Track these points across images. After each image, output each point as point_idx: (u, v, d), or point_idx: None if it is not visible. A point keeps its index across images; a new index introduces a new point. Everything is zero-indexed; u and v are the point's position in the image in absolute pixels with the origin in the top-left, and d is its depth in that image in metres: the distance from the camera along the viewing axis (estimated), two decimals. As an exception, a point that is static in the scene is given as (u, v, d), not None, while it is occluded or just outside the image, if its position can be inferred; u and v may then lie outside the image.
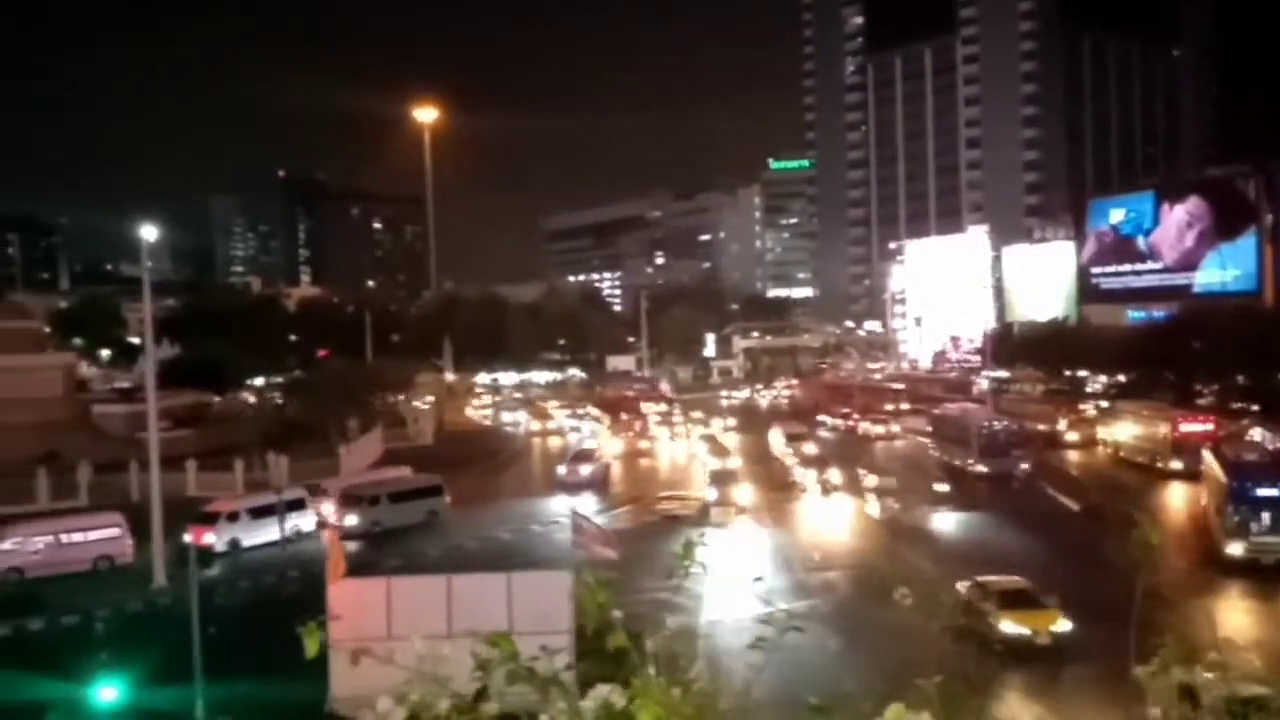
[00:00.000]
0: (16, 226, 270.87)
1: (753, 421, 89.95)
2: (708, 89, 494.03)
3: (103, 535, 43.17)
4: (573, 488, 58.42)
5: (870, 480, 54.45)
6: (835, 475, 57.17)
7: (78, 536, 42.88)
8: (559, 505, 52.16)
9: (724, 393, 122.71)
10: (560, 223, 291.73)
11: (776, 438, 72.34)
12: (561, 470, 62.56)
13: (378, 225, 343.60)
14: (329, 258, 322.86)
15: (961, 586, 33.12)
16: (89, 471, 57.11)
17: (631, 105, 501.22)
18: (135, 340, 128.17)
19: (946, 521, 50.46)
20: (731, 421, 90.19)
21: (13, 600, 36.79)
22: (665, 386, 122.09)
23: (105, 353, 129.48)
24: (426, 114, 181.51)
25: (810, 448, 65.50)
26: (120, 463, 56.67)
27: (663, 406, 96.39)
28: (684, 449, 77.22)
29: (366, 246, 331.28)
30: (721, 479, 54.72)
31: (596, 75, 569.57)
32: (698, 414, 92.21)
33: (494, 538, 47.80)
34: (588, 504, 52.22)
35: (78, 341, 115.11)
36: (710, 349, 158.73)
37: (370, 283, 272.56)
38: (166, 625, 30.40)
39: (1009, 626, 30.24)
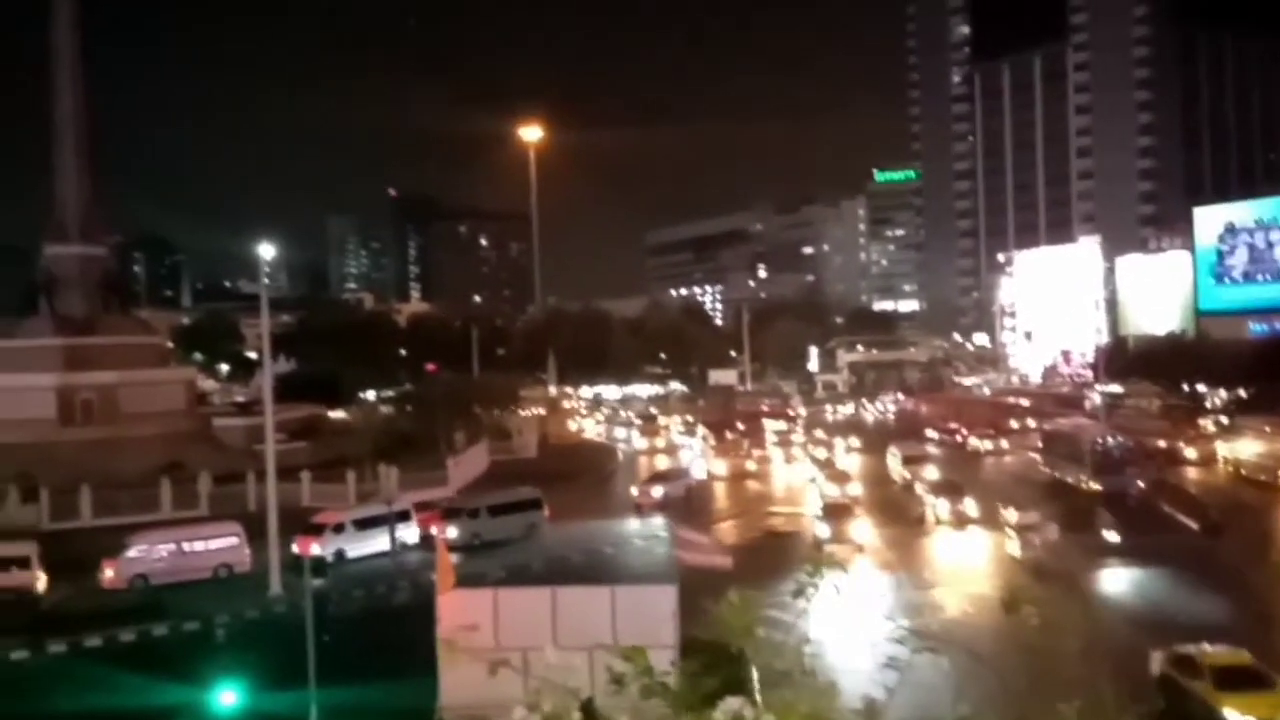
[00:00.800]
0: (142, 246, 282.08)
1: (864, 438, 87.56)
2: (810, 101, 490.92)
3: (222, 544, 44.58)
4: (646, 510, 56.07)
5: (1010, 513, 47.72)
6: (970, 506, 51.75)
7: (199, 545, 44.40)
8: (661, 520, 52.25)
9: (828, 407, 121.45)
10: (662, 237, 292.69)
11: (893, 458, 68.00)
12: (634, 491, 60.31)
13: (484, 242, 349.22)
14: (438, 274, 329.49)
15: (1157, 658, 27.10)
16: (209, 482, 59.03)
17: (733, 119, 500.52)
18: (253, 355, 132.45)
19: (1102, 564, 43.75)
20: (855, 441, 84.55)
21: (138, 606, 38.26)
22: (798, 403, 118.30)
23: (224, 367, 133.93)
24: (532, 132, 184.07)
25: (932, 471, 61.73)
26: (238, 474, 58.59)
27: (783, 425, 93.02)
28: (798, 470, 72.45)
29: (474, 263, 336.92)
30: (836, 512, 48.74)
31: (699, 89, 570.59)
32: (820, 433, 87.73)
33: (596, 551, 48.05)
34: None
35: (198, 356, 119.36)
36: (814, 363, 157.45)
37: (477, 298, 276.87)
38: (282, 632, 31.35)
39: (1234, 716, 24.37)
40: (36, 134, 76.23)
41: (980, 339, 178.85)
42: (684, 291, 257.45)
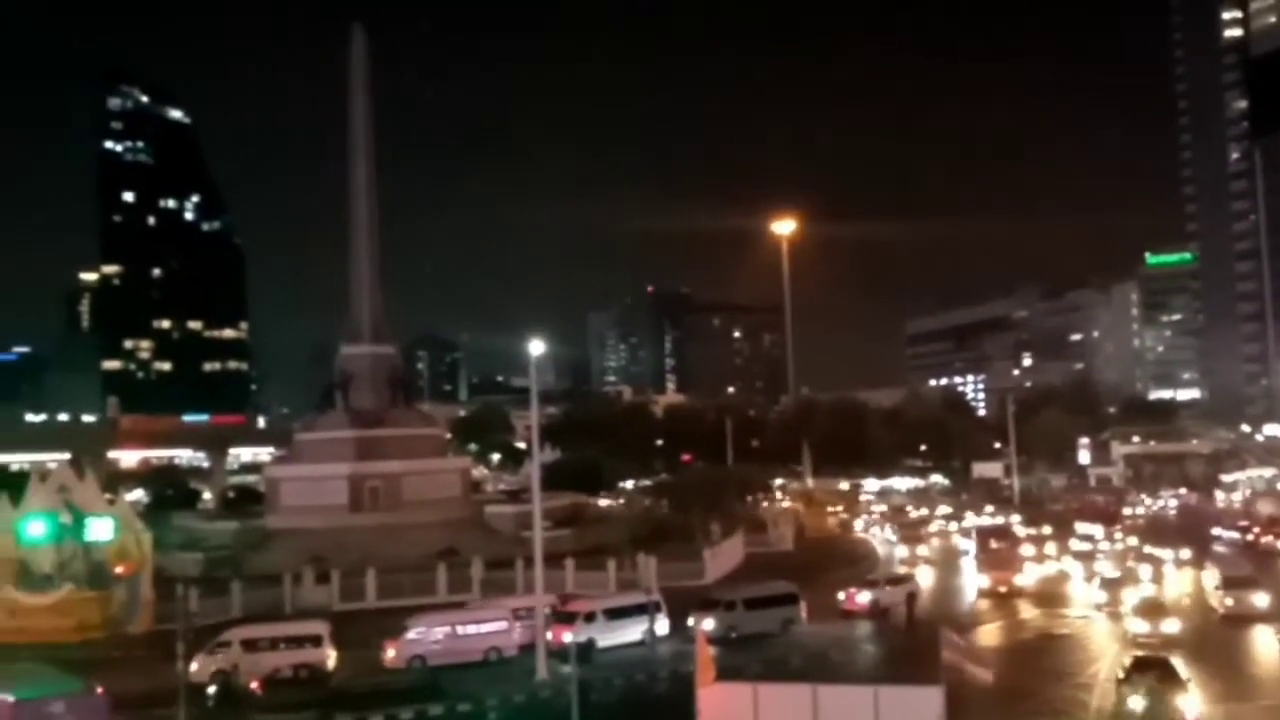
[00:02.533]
0: (424, 344, 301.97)
1: (1160, 538, 75.42)
2: (1074, 186, 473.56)
3: (493, 628, 46.61)
4: (851, 616, 53.44)
5: None
6: None
7: (471, 628, 46.53)
8: (938, 617, 50.70)
9: (1076, 506, 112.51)
10: (921, 326, 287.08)
11: (1210, 579, 54.25)
12: (840, 595, 55.31)
13: (738, 334, 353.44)
14: (692, 366, 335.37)
15: None
16: (481, 567, 61.96)
17: (991, 205, 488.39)
18: (521, 445, 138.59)
19: None
20: (1184, 553, 68.07)
21: (416, 686, 40.50)
22: (1133, 499, 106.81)
23: (495, 456, 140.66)
24: (784, 226, 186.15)
25: (1261, 598, 49.07)
26: (508, 559, 61.31)
27: (1097, 528, 79.74)
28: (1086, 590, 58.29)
29: (727, 355, 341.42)
30: (1147, 668, 33.77)
31: (955, 177, 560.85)
32: (1152, 549, 70.67)
33: (857, 648, 47.25)
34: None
35: (473, 446, 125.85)
36: (1085, 456, 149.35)
37: (730, 389, 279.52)
38: (548, 717, 32.52)
39: None
40: (337, 247, 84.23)
41: (1271, 429, 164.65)
42: (944, 381, 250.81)
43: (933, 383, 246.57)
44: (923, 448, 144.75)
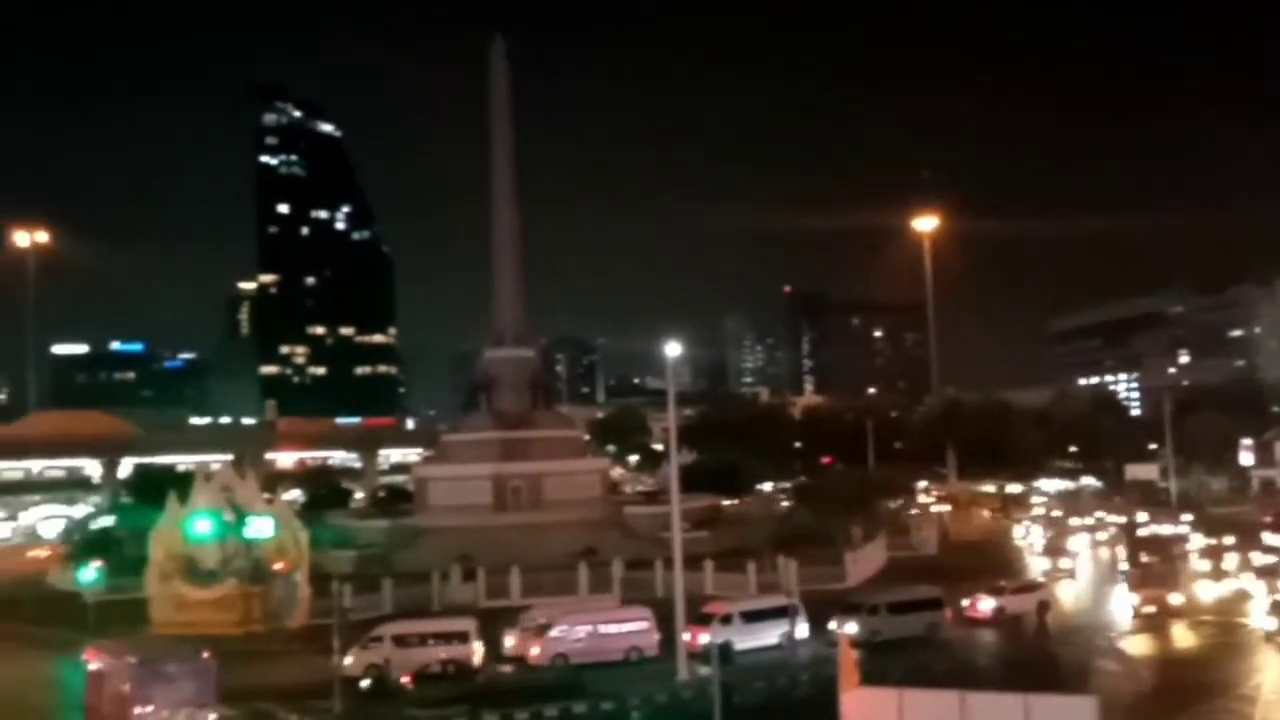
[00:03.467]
0: (563, 347, 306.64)
1: None
2: (1231, 177, 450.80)
3: (634, 628, 47.09)
4: (975, 624, 51.94)
5: None
6: None
7: (613, 628, 47.12)
8: (1077, 626, 49.15)
9: (1268, 517, 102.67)
10: (1069, 323, 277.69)
11: None
12: (964, 603, 53.82)
13: (878, 334, 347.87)
14: (831, 367, 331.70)
15: None
16: (621, 567, 62.55)
17: (1142, 199, 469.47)
18: (658, 447, 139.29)
19: None
20: None
21: (559, 684, 41.17)
22: None
23: (633, 458, 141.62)
24: (926, 223, 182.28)
25: None
26: (647, 560, 61.76)
27: None
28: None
29: (867, 355, 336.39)
30: None
31: (1105, 171, 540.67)
32: None
33: (1004, 655, 46.11)
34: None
35: (611, 448, 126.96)
36: (1248, 457, 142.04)
37: (871, 390, 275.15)
38: (689, 717, 32.68)
39: None
40: (480, 253, 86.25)
41: None
42: (1093, 380, 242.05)
43: (1082, 381, 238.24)
44: (1072, 449, 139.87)
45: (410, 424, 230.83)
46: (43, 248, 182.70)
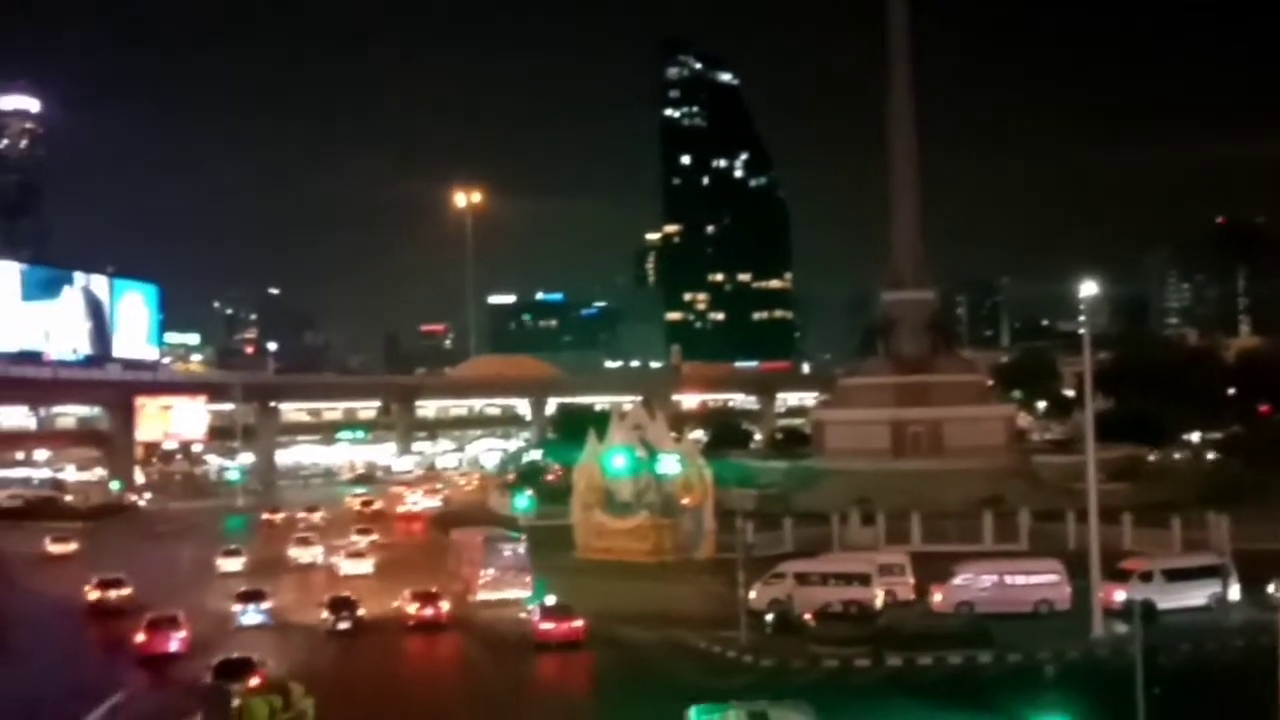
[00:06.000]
0: (964, 288, 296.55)
1: None
2: None
3: (1043, 580, 45.33)
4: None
5: None
6: None
7: (1020, 579, 45.59)
8: None
9: None
10: None
11: None
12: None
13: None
14: (1271, 305, 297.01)
15: None
16: (1028, 518, 60.29)
17: None
18: (1069, 393, 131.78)
19: None
20: None
21: (964, 632, 40.46)
22: None
23: (1041, 405, 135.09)
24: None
25: None
26: (1057, 512, 59.02)
27: None
28: None
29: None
30: None
31: None
32: None
33: None
34: None
35: (1016, 394, 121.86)
36: None
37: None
38: (1105, 677, 31.05)
39: None
40: (876, 194, 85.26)
41: None
42: None
43: None
44: None
45: (806, 368, 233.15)
46: (478, 207, 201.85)
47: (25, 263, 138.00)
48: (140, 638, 40.34)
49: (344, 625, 44.19)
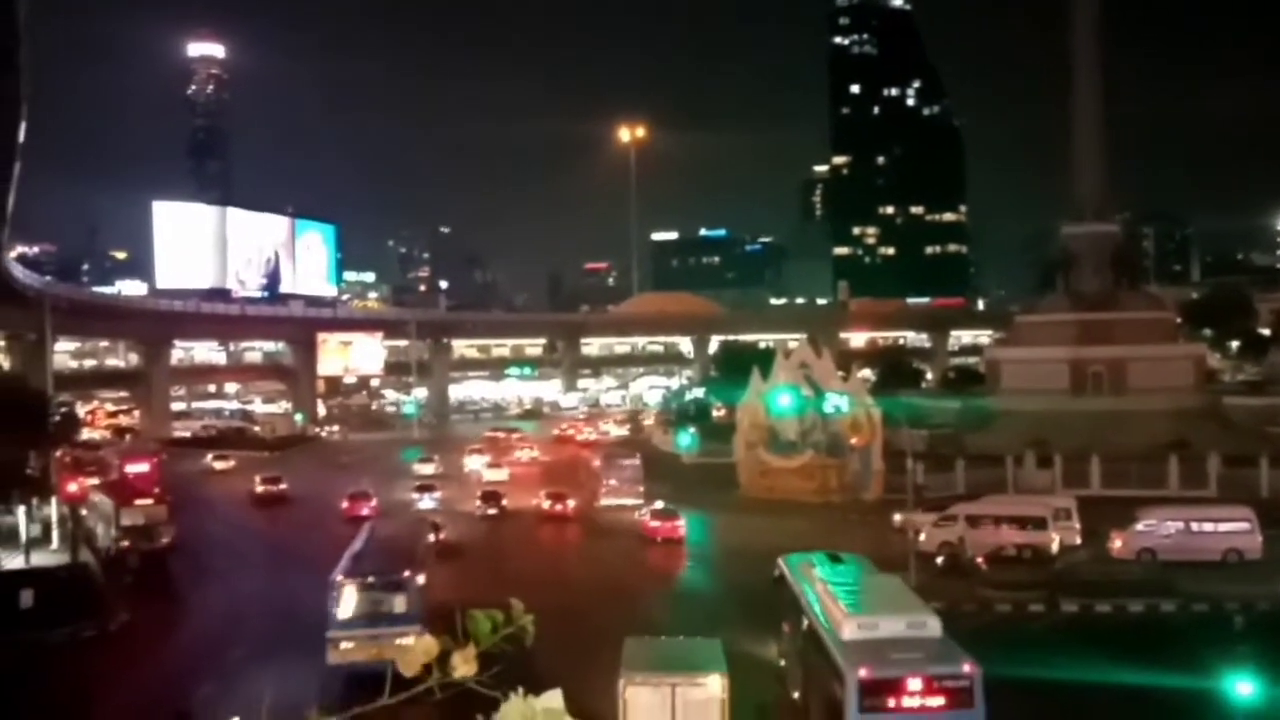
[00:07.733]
0: (1151, 221, 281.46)
1: None
2: None
3: (1233, 528, 43.19)
4: None
5: None
6: None
7: (1208, 526, 43.58)
8: None
9: None
10: None
11: None
12: None
13: None
14: None
15: None
16: (1217, 463, 57.28)
17: None
18: (1265, 332, 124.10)
19: None
20: None
21: (1146, 580, 38.85)
22: None
23: (1234, 344, 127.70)
24: None
25: None
26: (1249, 457, 55.93)
27: None
28: None
29: None
30: None
31: None
32: None
33: None
34: None
35: (1206, 332, 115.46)
36: None
37: None
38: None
39: None
40: (1057, 122, 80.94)
41: None
42: None
43: None
44: None
45: (980, 304, 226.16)
46: (641, 142, 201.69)
47: (213, 204, 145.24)
48: (344, 504, 56.83)
49: (492, 511, 57.37)
